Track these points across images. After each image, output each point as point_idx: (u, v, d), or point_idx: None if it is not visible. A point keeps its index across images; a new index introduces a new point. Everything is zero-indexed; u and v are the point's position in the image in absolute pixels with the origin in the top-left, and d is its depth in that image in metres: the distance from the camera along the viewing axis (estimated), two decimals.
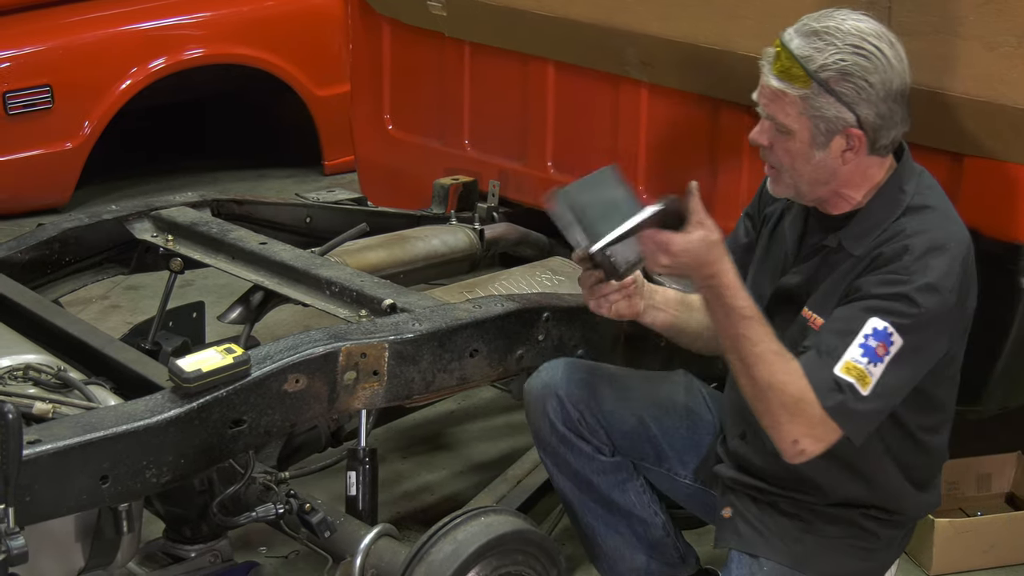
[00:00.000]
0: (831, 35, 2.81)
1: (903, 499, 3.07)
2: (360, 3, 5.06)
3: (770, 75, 2.87)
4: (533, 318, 3.44)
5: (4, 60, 6.69)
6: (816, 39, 2.82)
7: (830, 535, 3.05)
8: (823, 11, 2.89)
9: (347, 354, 3.07)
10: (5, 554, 2.46)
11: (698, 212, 2.80)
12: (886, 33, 2.86)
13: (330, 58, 7.28)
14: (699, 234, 2.78)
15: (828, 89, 2.80)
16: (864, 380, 2.78)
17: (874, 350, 2.79)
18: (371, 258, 4.09)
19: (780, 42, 2.87)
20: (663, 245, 2.79)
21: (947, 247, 2.83)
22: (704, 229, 2.79)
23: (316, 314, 3.89)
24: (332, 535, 3.15)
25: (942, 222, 2.89)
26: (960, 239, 2.87)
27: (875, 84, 2.80)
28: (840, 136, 2.84)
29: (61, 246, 3.92)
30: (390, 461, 4.36)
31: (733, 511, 3.11)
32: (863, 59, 2.80)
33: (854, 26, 2.83)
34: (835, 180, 2.91)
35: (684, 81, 4.05)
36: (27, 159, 6.81)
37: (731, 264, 2.83)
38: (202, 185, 7.16)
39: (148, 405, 2.85)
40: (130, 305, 5.73)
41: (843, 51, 2.80)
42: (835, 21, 2.84)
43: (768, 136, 2.92)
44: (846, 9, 2.89)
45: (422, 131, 5.03)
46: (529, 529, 3.06)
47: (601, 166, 4.23)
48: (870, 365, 2.79)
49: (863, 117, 2.82)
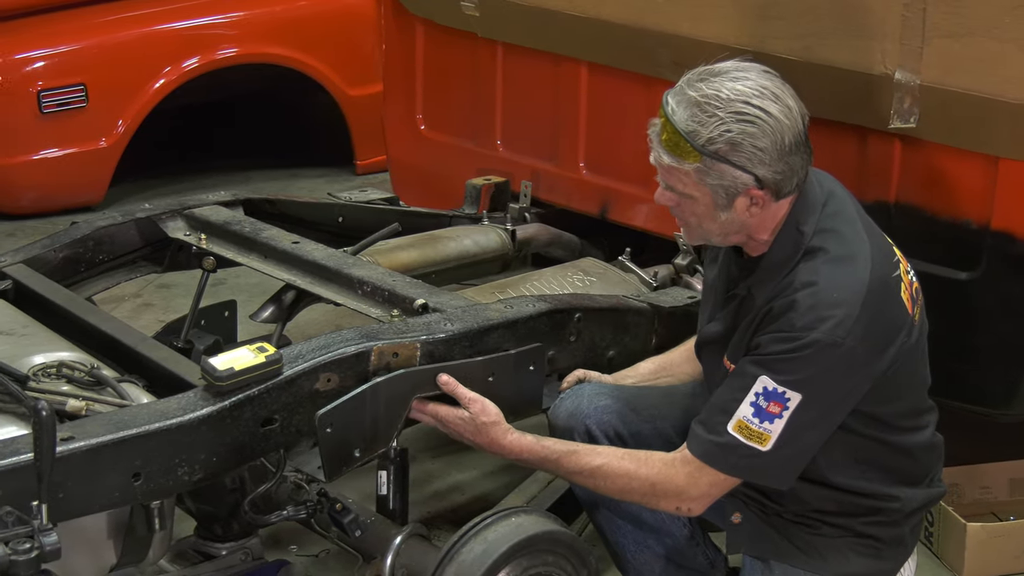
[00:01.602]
0: (712, 105, 2.75)
1: (896, 500, 3.05)
2: (393, 3, 5.06)
3: (660, 149, 2.84)
4: (565, 319, 3.44)
5: (39, 59, 6.73)
6: (698, 111, 2.76)
7: (836, 537, 3.05)
8: (703, 70, 2.83)
9: (379, 353, 3.07)
10: (38, 550, 2.47)
11: (464, 397, 3.08)
12: (769, 87, 2.78)
13: (363, 58, 7.28)
14: (465, 414, 3.08)
15: (720, 159, 2.77)
16: (762, 438, 2.84)
17: (764, 409, 2.82)
18: (403, 258, 4.09)
19: (663, 113, 2.82)
20: (432, 414, 3.11)
21: (837, 300, 2.78)
22: (473, 411, 3.07)
23: (348, 313, 3.90)
24: (363, 534, 3.16)
25: (834, 270, 2.82)
26: (854, 286, 2.80)
27: (766, 147, 2.76)
28: (743, 196, 2.81)
29: (95, 244, 3.93)
30: (421, 461, 4.36)
31: (742, 517, 3.10)
32: (749, 125, 2.75)
33: (734, 90, 2.76)
34: (746, 229, 2.90)
35: None
36: (61, 157, 6.84)
37: (512, 437, 3.05)
38: (234, 184, 7.18)
39: (180, 403, 2.86)
40: (162, 303, 5.75)
41: (727, 121, 2.74)
42: (715, 86, 2.77)
43: (671, 199, 2.91)
44: (730, 62, 2.83)
45: (454, 131, 5.03)
46: (559, 530, 3.06)
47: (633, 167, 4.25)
48: (764, 424, 2.83)
49: (761, 177, 2.79)
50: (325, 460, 2.97)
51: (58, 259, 3.84)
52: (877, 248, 2.90)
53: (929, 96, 3.50)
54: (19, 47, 6.73)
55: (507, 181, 4.69)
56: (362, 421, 3.00)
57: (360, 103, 7.39)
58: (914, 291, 2.96)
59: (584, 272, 4.11)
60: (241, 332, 4.31)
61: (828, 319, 2.76)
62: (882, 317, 2.84)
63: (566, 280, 4.02)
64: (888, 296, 2.86)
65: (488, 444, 3.09)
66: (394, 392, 3.05)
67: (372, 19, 5.67)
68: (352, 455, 3.02)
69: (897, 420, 2.99)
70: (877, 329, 2.82)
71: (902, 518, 3.08)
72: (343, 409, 2.95)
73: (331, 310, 4.36)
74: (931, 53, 3.47)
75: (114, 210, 4.10)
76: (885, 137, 3.65)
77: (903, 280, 2.92)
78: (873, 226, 2.98)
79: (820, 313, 2.77)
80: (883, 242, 2.96)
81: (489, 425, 3.07)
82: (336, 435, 2.95)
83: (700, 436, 2.91)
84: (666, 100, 2.83)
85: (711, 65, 2.84)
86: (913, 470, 3.08)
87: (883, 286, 2.85)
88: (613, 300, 3.64)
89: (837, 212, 2.91)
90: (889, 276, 2.88)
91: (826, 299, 2.78)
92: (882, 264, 2.87)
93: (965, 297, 3.58)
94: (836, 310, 2.77)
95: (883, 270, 2.87)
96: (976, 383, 3.60)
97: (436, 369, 3.10)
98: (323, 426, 2.93)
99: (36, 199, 6.89)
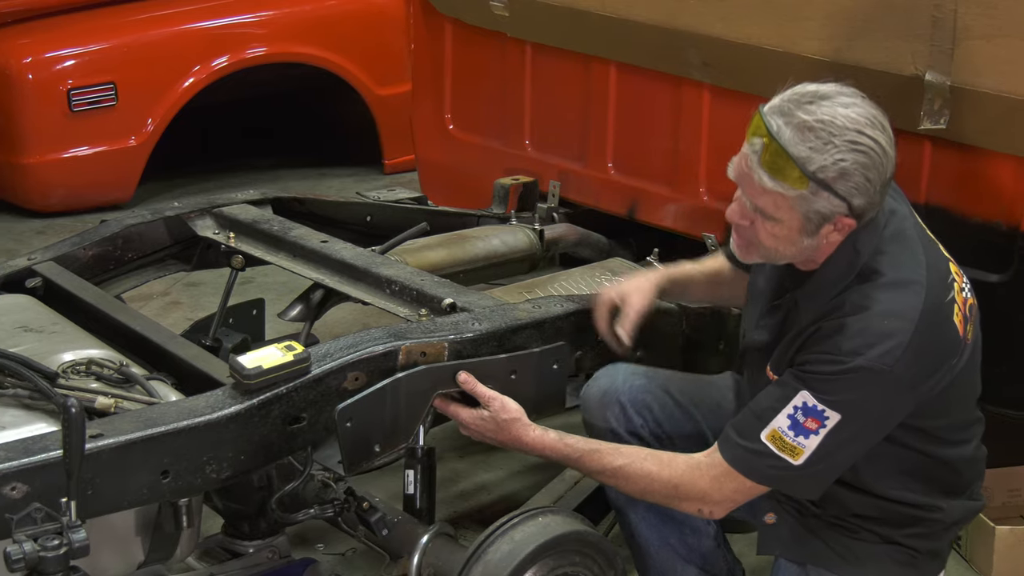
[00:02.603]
0: (827, 131, 2.66)
1: (939, 510, 3.02)
2: (422, 3, 5.07)
3: (760, 170, 2.72)
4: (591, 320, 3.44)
5: (69, 57, 6.76)
6: (811, 135, 2.66)
7: (875, 543, 3.02)
8: (808, 91, 2.73)
9: (407, 353, 3.08)
10: (67, 547, 2.48)
11: (483, 395, 3.09)
12: (877, 116, 2.72)
13: (391, 57, 7.29)
14: (485, 413, 3.10)
15: (826, 187, 2.69)
16: (795, 451, 2.82)
17: (801, 424, 2.80)
18: (431, 257, 4.09)
19: (768, 132, 2.70)
20: (453, 415, 3.13)
21: (888, 328, 2.74)
22: (491, 410, 3.08)
23: (376, 313, 3.90)
24: (389, 533, 3.16)
25: (887, 296, 2.77)
26: (906, 313, 2.75)
27: (873, 179, 2.70)
28: (830, 223, 2.76)
29: (124, 242, 3.94)
30: (448, 460, 4.37)
31: (777, 518, 3.08)
32: (862, 156, 2.68)
33: (848, 117, 2.68)
34: (811, 252, 2.84)
35: (746, 83, 4.03)
36: (91, 155, 6.87)
37: (534, 433, 3.06)
38: (263, 183, 7.20)
39: (209, 401, 2.87)
40: (191, 301, 5.77)
41: (841, 149, 2.66)
42: (827, 111, 2.68)
43: (749, 217, 2.83)
44: (832, 86, 2.74)
45: (483, 131, 5.03)
46: (587, 530, 3.06)
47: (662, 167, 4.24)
48: (799, 438, 2.80)
49: (856, 206, 2.72)
50: (345, 454, 2.98)
51: (87, 257, 3.85)
52: (934, 270, 2.84)
53: (960, 97, 3.49)
54: (49, 46, 6.77)
55: (535, 181, 4.69)
56: (382, 416, 3.01)
57: (389, 103, 7.40)
58: (968, 309, 2.90)
59: (612, 272, 4.10)
60: (269, 330, 4.32)
61: (876, 345, 2.73)
62: (932, 345, 2.80)
63: (594, 280, 4.02)
64: (941, 323, 2.81)
65: (511, 441, 3.10)
66: (414, 388, 3.05)
67: (401, 19, 5.68)
68: (372, 450, 3.02)
69: (945, 433, 2.97)
70: (926, 357, 2.79)
71: (942, 530, 3.05)
72: (363, 404, 2.96)
73: (359, 309, 4.37)
74: (962, 54, 3.46)
75: (143, 208, 4.11)
76: (915, 138, 3.64)
77: (957, 300, 2.87)
78: (932, 243, 2.93)
79: (868, 339, 2.73)
80: (940, 261, 2.91)
81: (510, 422, 3.08)
82: (356, 429, 2.96)
83: (732, 440, 2.90)
84: (767, 120, 2.71)
85: (806, 86, 2.75)
86: (956, 482, 3.05)
87: (936, 313, 2.80)
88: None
89: (897, 233, 2.85)
90: (943, 301, 2.83)
91: (876, 326, 2.74)
92: (937, 288, 2.82)
93: (996, 299, 3.56)
94: (886, 338, 2.73)
95: (938, 296, 2.81)
96: (1007, 385, 3.58)
97: (456, 366, 3.10)
98: (343, 420, 2.94)
99: (66, 197, 6.92)
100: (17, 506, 2.55)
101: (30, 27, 6.94)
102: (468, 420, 3.11)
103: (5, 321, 3.31)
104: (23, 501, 2.56)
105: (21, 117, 6.74)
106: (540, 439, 3.07)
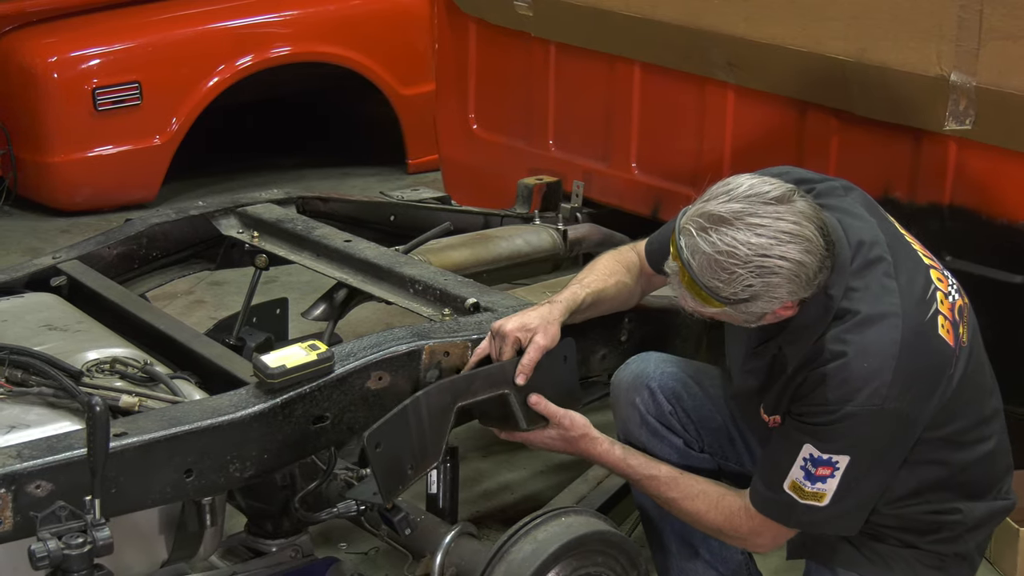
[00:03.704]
0: (730, 263, 2.65)
1: (957, 512, 3.00)
2: (446, 2, 5.07)
3: (683, 290, 2.77)
4: (615, 319, 3.44)
5: (94, 57, 6.79)
6: (717, 268, 2.66)
7: (902, 547, 3.02)
8: (715, 212, 2.66)
9: (430, 352, 3.08)
10: (91, 545, 2.49)
11: (555, 415, 3.13)
12: (785, 228, 2.65)
13: (415, 57, 7.30)
14: (554, 432, 3.15)
15: (747, 302, 2.71)
16: (817, 496, 2.84)
17: (813, 473, 2.82)
18: (454, 257, 4.09)
19: (679, 258, 2.71)
20: (523, 440, 3.20)
21: (868, 370, 2.73)
22: (560, 428, 3.13)
23: (399, 312, 3.91)
24: (412, 532, 3.15)
25: (864, 337, 2.75)
26: (885, 349, 2.73)
27: (792, 289, 2.68)
28: (771, 314, 2.76)
29: (148, 241, 3.96)
30: (471, 460, 4.37)
31: None
32: (773, 276, 2.66)
33: (750, 245, 2.64)
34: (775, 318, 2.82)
35: (770, 83, 4.02)
36: (115, 155, 6.89)
37: (602, 448, 3.13)
38: (287, 182, 7.20)
39: (232, 400, 2.87)
40: (215, 301, 5.78)
41: (747, 277, 2.66)
42: (731, 241, 2.64)
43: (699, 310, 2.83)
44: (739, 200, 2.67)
45: (506, 131, 5.03)
46: (610, 530, 3.05)
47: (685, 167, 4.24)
48: (817, 484, 2.83)
49: (791, 302, 2.74)
50: (380, 481, 2.93)
51: (112, 256, 3.87)
52: (908, 293, 2.80)
53: (985, 98, 3.48)
54: (75, 45, 6.80)
55: (559, 181, 4.68)
56: (408, 436, 2.97)
57: (412, 102, 7.41)
58: (957, 313, 2.88)
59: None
60: (292, 330, 4.33)
61: (862, 390, 2.74)
62: (921, 370, 2.79)
63: None
64: (925, 344, 2.79)
65: (580, 454, 3.18)
66: (436, 403, 3.03)
67: (425, 18, 5.68)
68: (405, 473, 2.98)
69: (961, 436, 2.95)
70: (918, 383, 2.78)
71: (964, 532, 3.03)
72: (389, 425, 2.93)
73: (382, 309, 4.37)
74: (987, 55, 3.45)
75: (167, 207, 4.12)
76: (940, 139, 3.63)
77: (941, 311, 2.83)
78: (908, 256, 2.89)
79: (853, 386, 2.74)
80: (917, 275, 2.86)
81: (578, 438, 3.14)
82: (387, 453, 2.91)
83: (760, 491, 2.93)
84: (680, 245, 2.71)
85: (716, 199, 2.70)
86: (978, 482, 3.03)
87: (917, 338, 2.77)
88: (664, 301, 3.63)
89: (867, 264, 2.82)
90: (924, 320, 2.80)
91: (857, 371, 2.74)
92: (915, 312, 2.79)
93: (1021, 300, 3.55)
94: (869, 380, 2.73)
95: (916, 319, 2.78)
96: None
97: (471, 376, 3.09)
98: (372, 445, 2.87)
99: (90, 196, 6.94)
100: (42, 504, 2.56)
101: (55, 26, 6.97)
102: (540, 442, 3.19)
103: (30, 319, 3.32)
104: (47, 499, 2.57)
105: (46, 116, 6.77)
106: (607, 454, 3.14)
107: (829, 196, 2.93)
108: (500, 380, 3.10)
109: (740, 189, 2.71)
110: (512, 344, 3.10)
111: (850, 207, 2.92)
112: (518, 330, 3.10)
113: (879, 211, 2.98)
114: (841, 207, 2.90)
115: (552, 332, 3.11)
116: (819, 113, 3.92)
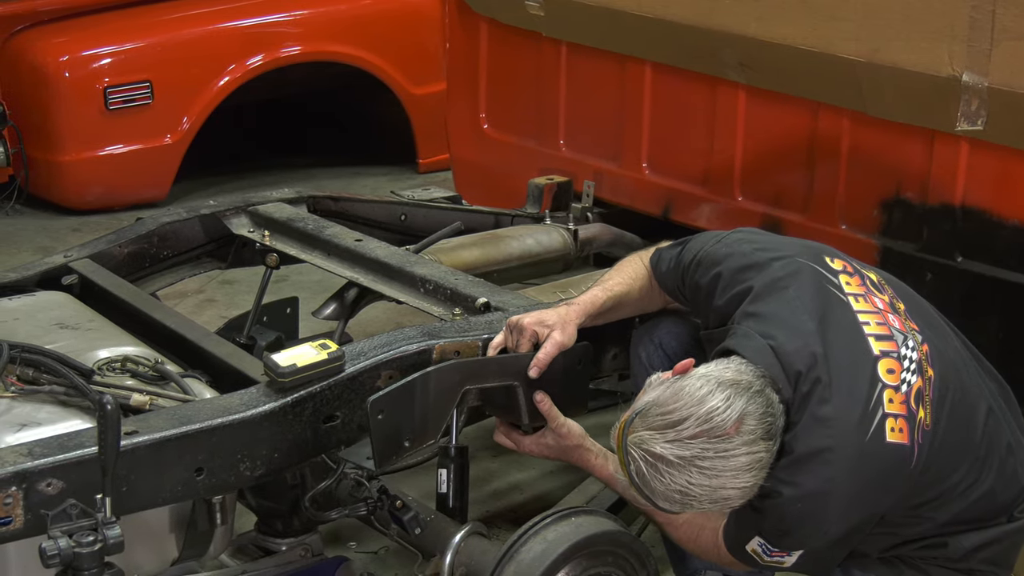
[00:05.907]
0: (688, 499, 2.62)
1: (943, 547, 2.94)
2: (457, 2, 5.07)
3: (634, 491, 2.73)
4: (630, 319, 3.43)
5: (105, 56, 6.79)
6: (672, 501, 2.65)
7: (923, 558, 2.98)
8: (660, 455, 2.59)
9: (441, 352, 3.08)
10: (102, 543, 2.49)
11: (555, 419, 3.12)
12: (741, 464, 2.60)
13: (426, 57, 7.29)
14: (549, 439, 3.15)
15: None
16: (780, 562, 2.83)
17: (772, 554, 2.81)
18: (465, 256, 4.09)
19: (626, 471, 2.68)
20: (515, 444, 3.21)
21: (801, 511, 2.68)
22: (556, 435, 3.13)
23: (409, 312, 3.91)
24: (422, 532, 3.16)
25: (793, 477, 2.67)
26: (818, 487, 2.66)
27: (745, 497, 2.66)
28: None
29: (159, 240, 3.97)
30: (481, 459, 4.36)
31: None
32: (726, 501, 2.64)
33: (704, 487, 2.59)
34: None
35: (782, 83, 4.02)
36: (127, 154, 6.90)
37: (597, 462, 3.14)
38: (298, 182, 7.20)
39: (243, 399, 2.88)
40: (226, 299, 5.78)
41: (703, 505, 2.64)
42: (684, 482, 2.59)
43: None
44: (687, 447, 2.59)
45: (517, 130, 5.03)
46: (620, 530, 3.05)
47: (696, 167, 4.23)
48: (776, 557, 2.81)
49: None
50: (375, 448, 2.98)
51: (123, 254, 3.88)
52: (845, 416, 2.67)
53: (997, 99, 3.47)
54: (86, 44, 6.81)
55: (570, 181, 4.68)
56: (412, 410, 3.00)
57: (423, 102, 7.41)
58: (914, 400, 2.74)
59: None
60: (303, 329, 4.33)
61: (799, 528, 2.71)
62: (867, 485, 2.70)
63: None
64: (870, 461, 2.68)
65: (572, 463, 3.20)
66: (444, 382, 3.04)
67: (436, 18, 5.68)
68: (401, 445, 3.02)
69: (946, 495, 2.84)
70: (863, 498, 2.71)
71: (962, 556, 2.94)
72: (394, 396, 2.95)
73: (393, 308, 4.37)
74: (1000, 55, 3.44)
75: (178, 206, 4.13)
76: (952, 140, 3.62)
77: (891, 411, 2.70)
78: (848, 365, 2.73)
79: (788, 524, 2.72)
80: (857, 381, 2.71)
81: (573, 448, 3.15)
82: (387, 422, 2.95)
83: (732, 535, 2.89)
84: (629, 468, 2.66)
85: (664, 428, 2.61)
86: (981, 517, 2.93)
87: (862, 457, 2.67)
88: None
89: (803, 398, 2.69)
90: (865, 439, 2.67)
91: (791, 512, 2.69)
92: (856, 430, 2.67)
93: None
94: (804, 521, 2.70)
95: (856, 439, 2.66)
96: None
97: (484, 361, 3.10)
98: (375, 412, 2.93)
99: (101, 195, 6.95)
100: (52, 502, 2.57)
101: (67, 25, 6.97)
102: (535, 449, 3.20)
103: (42, 318, 3.33)
104: (58, 497, 2.57)
105: (58, 115, 6.78)
106: (600, 469, 3.16)
107: (768, 297, 2.82)
108: (513, 370, 3.10)
109: (686, 426, 2.60)
110: (529, 338, 3.11)
111: (789, 315, 2.78)
112: (536, 324, 3.11)
113: (828, 295, 2.83)
114: (778, 318, 2.77)
115: (570, 331, 3.12)
116: (830, 113, 3.91)
